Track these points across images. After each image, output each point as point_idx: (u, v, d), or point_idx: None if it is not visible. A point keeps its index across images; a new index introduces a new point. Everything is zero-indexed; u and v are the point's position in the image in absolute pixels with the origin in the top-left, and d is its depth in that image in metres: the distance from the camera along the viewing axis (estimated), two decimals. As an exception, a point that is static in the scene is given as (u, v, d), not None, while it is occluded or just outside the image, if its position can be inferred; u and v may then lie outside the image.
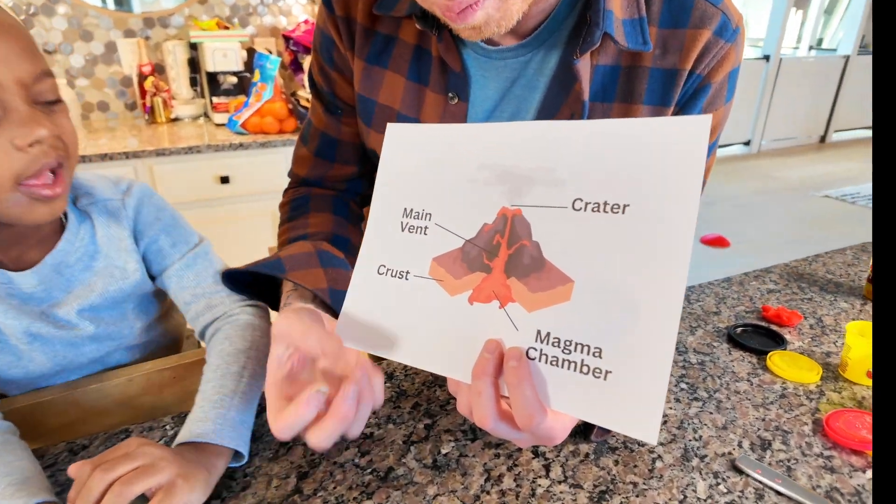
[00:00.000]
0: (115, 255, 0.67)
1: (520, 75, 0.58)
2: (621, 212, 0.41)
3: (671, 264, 0.38)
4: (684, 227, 0.38)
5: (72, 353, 0.66)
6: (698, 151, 0.39)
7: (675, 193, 0.39)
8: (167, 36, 2.21)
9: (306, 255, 0.58)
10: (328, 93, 0.68)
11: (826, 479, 0.54)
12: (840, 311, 0.85)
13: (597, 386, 0.39)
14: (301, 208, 0.70)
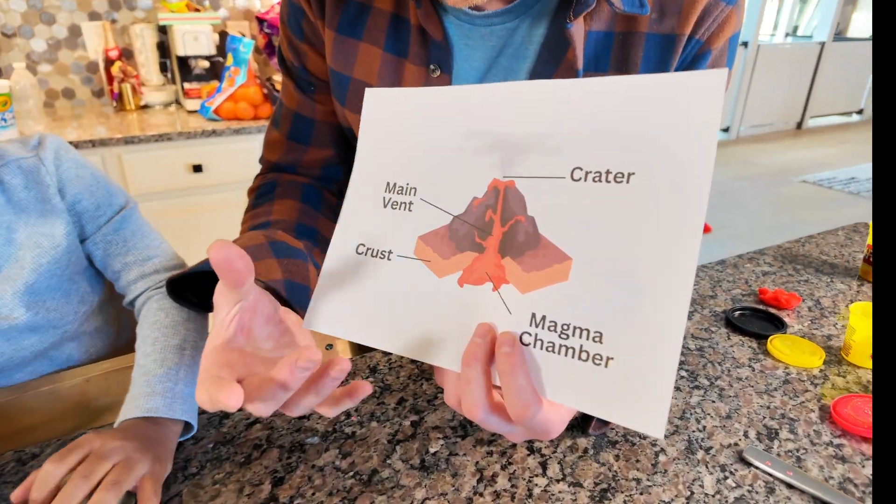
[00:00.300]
0: (38, 220, 0.60)
1: (507, 43, 0.54)
2: (625, 181, 0.36)
3: (681, 239, 0.34)
4: (697, 196, 0.34)
5: (9, 349, 0.60)
6: (713, 110, 0.35)
7: (686, 158, 0.35)
8: (134, 19, 2.11)
9: (256, 246, 0.51)
10: (299, 68, 0.62)
11: (838, 470, 0.51)
12: (837, 292, 0.83)
13: (597, 374, 0.35)
14: (266, 195, 0.64)
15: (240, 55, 1.91)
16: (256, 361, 0.39)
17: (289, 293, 0.49)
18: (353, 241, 0.47)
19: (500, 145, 0.41)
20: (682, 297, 0.33)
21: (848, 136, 5.92)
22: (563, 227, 0.38)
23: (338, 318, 0.44)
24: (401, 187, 0.45)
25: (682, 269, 0.34)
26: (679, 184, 0.35)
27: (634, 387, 0.33)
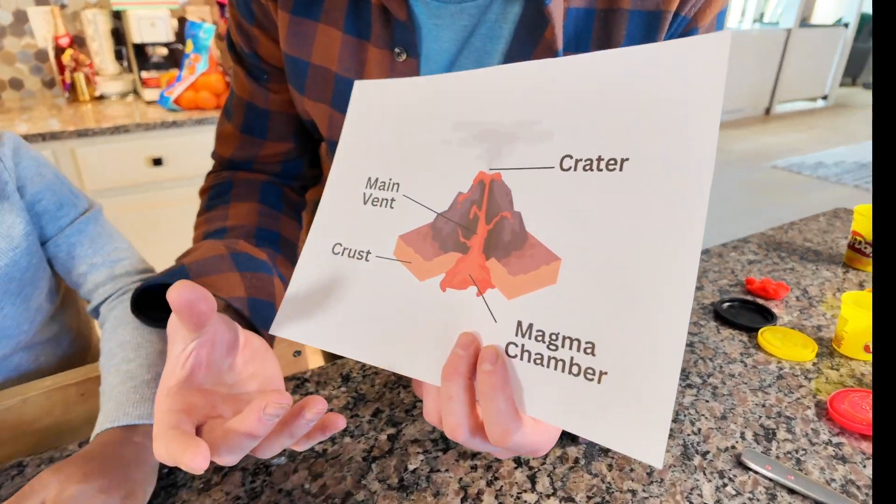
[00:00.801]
0: None
1: (479, 22, 0.49)
2: (618, 168, 0.32)
3: (681, 232, 0.30)
4: (698, 181, 0.30)
5: None
6: (716, 80, 0.30)
7: (685, 138, 0.31)
8: (86, 4, 1.99)
9: (217, 258, 0.47)
10: (249, 54, 0.56)
11: (839, 471, 0.48)
12: (823, 280, 0.81)
13: (589, 390, 0.31)
14: (221, 197, 0.59)
15: (200, 42, 1.81)
16: (218, 399, 0.35)
17: (252, 312, 0.44)
18: (329, 239, 0.42)
19: (486, 136, 0.37)
20: (684, 301, 0.29)
21: (814, 121, 6.04)
22: (552, 224, 0.34)
23: (308, 324, 0.40)
24: (383, 183, 0.40)
25: (683, 268, 0.30)
26: (678, 168, 0.31)
27: (630, 408, 0.29)
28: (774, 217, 3.48)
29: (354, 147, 0.43)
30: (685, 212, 0.30)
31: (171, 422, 0.31)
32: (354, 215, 0.42)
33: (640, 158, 0.32)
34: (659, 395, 0.29)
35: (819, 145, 5.13)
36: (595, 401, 0.30)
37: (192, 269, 0.44)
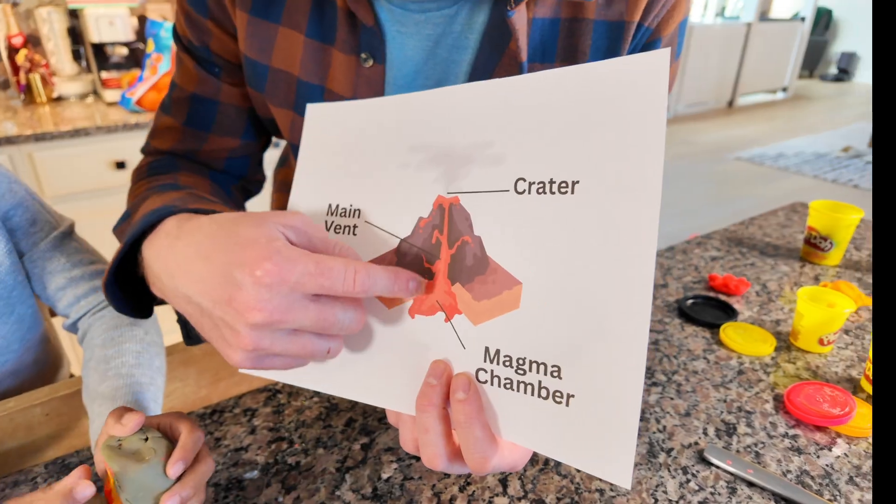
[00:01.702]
0: None
1: (445, 32, 0.49)
2: (570, 191, 0.33)
3: (635, 251, 0.30)
4: (648, 198, 0.30)
5: None
6: (658, 97, 0.31)
7: (632, 155, 0.31)
8: (39, 2, 1.92)
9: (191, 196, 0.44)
10: (201, 48, 0.54)
11: (794, 463, 0.51)
12: (782, 274, 0.84)
13: (558, 413, 0.31)
14: (167, 167, 0.55)
15: (161, 41, 1.77)
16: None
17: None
18: None
19: (442, 158, 0.37)
20: (642, 319, 0.30)
21: (775, 112, 6.21)
22: (511, 248, 0.34)
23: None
24: (344, 209, 0.40)
25: (638, 286, 0.30)
26: (627, 189, 0.31)
27: (598, 429, 0.30)
28: (738, 208, 3.57)
29: (313, 173, 0.43)
30: (636, 232, 0.31)
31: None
32: None
33: (590, 180, 0.32)
34: (623, 415, 0.30)
35: (780, 136, 5.28)
36: (565, 423, 0.31)
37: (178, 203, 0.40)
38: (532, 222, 0.34)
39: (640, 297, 0.30)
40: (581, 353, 0.31)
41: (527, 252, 0.34)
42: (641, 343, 0.30)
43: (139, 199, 0.48)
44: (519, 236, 0.34)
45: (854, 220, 0.83)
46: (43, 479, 0.48)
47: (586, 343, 0.31)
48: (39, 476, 0.49)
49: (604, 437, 0.30)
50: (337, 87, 0.51)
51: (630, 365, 0.30)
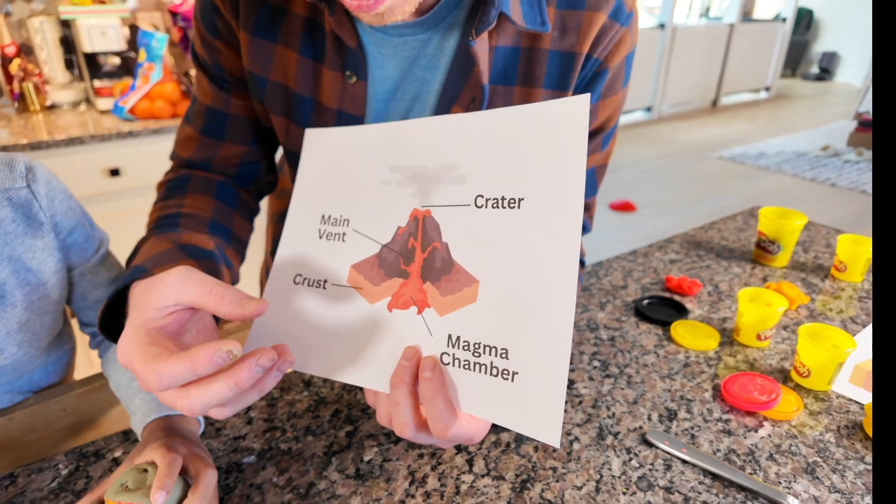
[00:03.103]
0: (25, 255, 0.57)
1: (419, 54, 0.55)
2: (517, 206, 0.40)
3: (562, 257, 0.38)
4: (571, 214, 0.38)
5: None
6: (579, 134, 0.39)
7: (560, 180, 0.39)
8: (32, 11, 1.97)
9: (167, 252, 0.49)
10: (213, 65, 0.61)
11: (724, 443, 0.58)
12: (734, 276, 0.92)
13: (505, 388, 0.39)
14: (178, 189, 0.62)
15: (153, 51, 1.82)
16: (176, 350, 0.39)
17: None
18: (291, 271, 0.49)
19: (417, 177, 0.44)
20: (567, 312, 0.38)
21: (757, 112, 6.33)
22: (471, 252, 0.42)
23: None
24: (335, 219, 0.47)
25: (564, 285, 0.38)
26: (556, 205, 0.39)
27: (535, 400, 0.38)
28: (718, 206, 3.67)
29: (309, 188, 0.50)
30: (564, 239, 0.38)
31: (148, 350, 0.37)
32: (312, 249, 0.49)
33: (532, 198, 0.40)
34: (554, 389, 0.37)
35: (762, 135, 5.39)
36: (510, 396, 0.39)
37: (148, 265, 0.46)
38: (488, 231, 0.41)
39: (568, 291, 0.38)
40: (523, 338, 0.39)
41: (483, 255, 0.41)
42: (568, 330, 0.37)
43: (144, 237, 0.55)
44: (477, 242, 0.41)
45: (798, 226, 0.91)
46: (64, 467, 0.55)
47: (528, 330, 0.39)
48: (61, 464, 0.55)
49: (539, 407, 0.37)
50: (325, 100, 0.57)
51: (559, 348, 0.37)
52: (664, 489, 0.53)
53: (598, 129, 0.62)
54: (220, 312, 0.39)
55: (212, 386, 0.36)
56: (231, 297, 0.39)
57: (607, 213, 3.57)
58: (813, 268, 0.94)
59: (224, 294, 0.39)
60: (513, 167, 0.41)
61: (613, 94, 0.60)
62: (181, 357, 0.35)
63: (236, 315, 0.39)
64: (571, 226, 0.38)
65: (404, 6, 0.45)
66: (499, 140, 0.42)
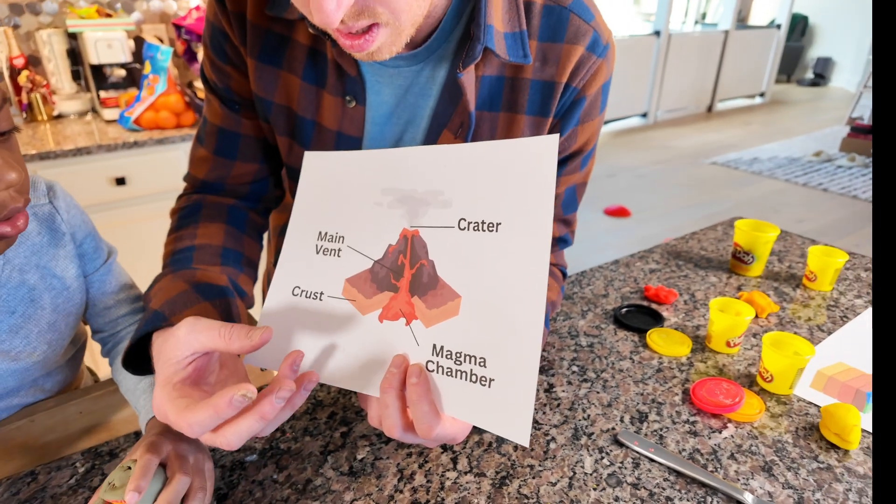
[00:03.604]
0: (50, 263, 0.64)
1: (413, 83, 0.60)
2: (495, 230, 0.45)
3: (533, 277, 0.43)
4: (542, 238, 0.43)
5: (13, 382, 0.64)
6: (548, 169, 0.44)
7: (532, 209, 0.44)
8: (40, 24, 2.02)
9: (183, 294, 0.53)
10: (223, 88, 0.65)
11: (690, 443, 0.63)
12: (710, 285, 0.97)
13: (483, 393, 0.44)
14: (191, 217, 0.66)
15: (158, 63, 1.87)
16: (203, 395, 0.45)
17: None
18: (290, 284, 0.54)
19: (406, 200, 0.49)
20: (537, 327, 0.43)
21: (752, 117, 6.38)
22: (454, 270, 0.47)
23: (277, 355, 0.51)
24: (331, 236, 0.52)
25: (534, 302, 0.43)
26: (528, 230, 0.44)
27: (508, 404, 0.43)
28: (711, 211, 3.72)
29: (307, 207, 0.55)
30: (535, 260, 0.43)
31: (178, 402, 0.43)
32: (309, 263, 0.53)
33: (508, 224, 0.45)
34: (524, 394, 0.42)
35: (756, 141, 5.45)
36: (487, 400, 0.44)
37: (166, 310, 0.51)
38: (470, 251, 0.46)
39: (538, 307, 0.43)
40: (499, 349, 0.44)
41: (465, 273, 0.46)
42: (537, 342, 0.42)
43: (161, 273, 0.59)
44: (460, 261, 0.46)
45: (771, 238, 0.96)
46: (81, 465, 0.59)
47: (503, 341, 0.44)
48: (78, 462, 0.60)
49: (512, 411, 0.42)
50: (326, 122, 0.62)
51: (530, 358, 0.42)
52: (631, 486, 0.57)
53: (578, 152, 0.67)
54: (231, 350, 0.44)
55: (242, 423, 0.42)
56: (238, 334, 0.44)
57: (602, 218, 3.62)
58: (786, 277, 0.99)
59: (231, 333, 0.44)
60: (492, 195, 0.46)
61: (591, 119, 0.65)
62: (205, 406, 0.41)
63: (246, 348, 0.44)
64: (541, 249, 0.43)
65: (391, 47, 0.50)
66: (480, 170, 0.47)
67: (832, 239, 3.33)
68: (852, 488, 0.57)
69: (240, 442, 0.43)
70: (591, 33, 0.59)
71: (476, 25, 0.54)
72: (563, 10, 0.58)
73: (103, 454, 0.61)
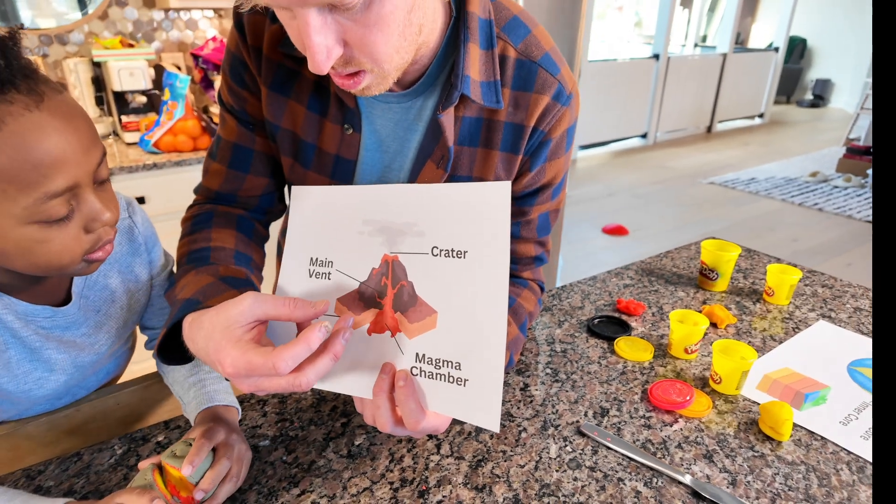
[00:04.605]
0: (127, 269, 0.74)
1: (403, 118, 0.70)
2: (463, 257, 0.55)
3: (496, 295, 0.53)
4: (501, 266, 0.54)
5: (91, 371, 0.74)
6: (503, 209, 0.54)
7: (491, 242, 0.54)
8: (66, 53, 2.17)
9: (213, 285, 0.60)
10: (240, 110, 0.73)
11: (643, 434, 0.73)
12: (677, 299, 1.06)
13: (459, 391, 0.54)
14: (204, 223, 0.72)
15: (177, 90, 2.01)
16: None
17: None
18: None
19: (386, 230, 0.59)
20: (500, 335, 0.53)
21: (751, 138, 6.50)
22: (430, 290, 0.57)
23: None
24: (321, 261, 0.62)
25: (498, 316, 0.53)
26: (490, 259, 0.54)
27: (480, 399, 0.53)
28: (706, 230, 3.81)
29: (299, 236, 0.64)
30: (496, 282, 0.53)
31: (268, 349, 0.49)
32: (304, 286, 0.63)
33: (474, 252, 0.55)
34: (492, 390, 0.52)
35: (754, 161, 5.55)
36: (462, 397, 0.53)
37: (200, 297, 0.57)
38: (442, 274, 0.56)
39: (500, 320, 0.53)
40: (470, 354, 0.54)
41: (440, 292, 0.56)
42: (501, 348, 0.52)
43: (181, 269, 0.67)
44: (434, 283, 0.56)
45: (733, 256, 1.06)
46: (119, 448, 0.70)
47: (473, 347, 0.54)
48: (116, 445, 0.70)
49: (483, 404, 0.52)
50: (326, 147, 0.71)
51: (496, 361, 0.52)
52: (589, 469, 0.67)
53: (548, 184, 0.77)
54: (295, 317, 0.52)
55: (319, 362, 0.50)
56: (301, 303, 0.53)
57: (600, 236, 3.72)
58: (748, 292, 1.09)
59: (295, 303, 0.53)
60: (458, 228, 0.56)
61: (557, 157, 0.75)
62: (297, 340, 0.48)
63: (310, 314, 0.52)
64: (501, 273, 0.53)
65: (379, 87, 0.59)
66: (448, 207, 0.57)
67: (826, 257, 3.41)
68: (780, 473, 0.67)
69: (316, 379, 0.49)
70: (557, 85, 0.69)
71: (455, 75, 0.64)
72: (533, 65, 0.69)
73: (137, 439, 0.71)
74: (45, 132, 0.50)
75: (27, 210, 0.51)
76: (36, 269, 0.57)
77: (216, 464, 0.59)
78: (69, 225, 0.55)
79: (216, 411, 0.67)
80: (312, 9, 0.48)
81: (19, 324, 0.64)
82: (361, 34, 0.52)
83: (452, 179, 0.71)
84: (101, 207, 0.57)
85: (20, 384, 0.66)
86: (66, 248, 0.56)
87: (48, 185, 0.51)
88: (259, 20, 0.68)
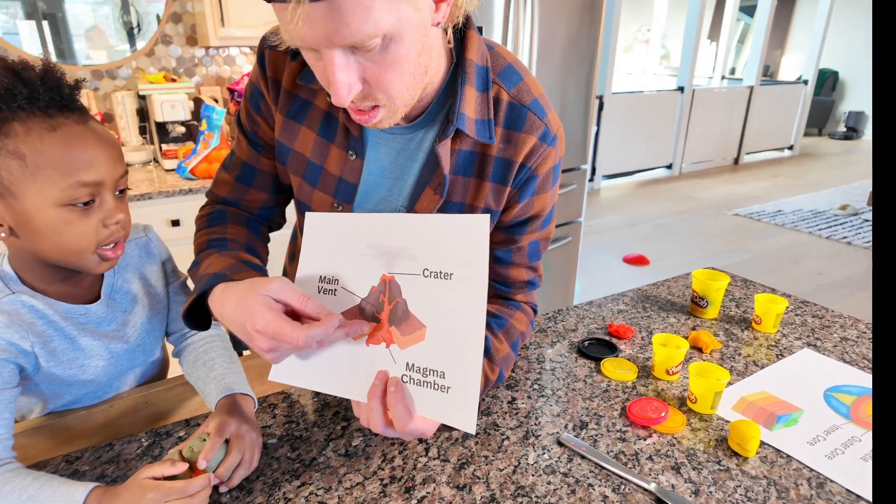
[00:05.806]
0: (146, 277, 0.88)
1: (404, 147, 0.79)
2: (449, 279, 0.64)
3: (476, 314, 0.61)
4: (480, 288, 0.62)
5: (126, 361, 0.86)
6: (483, 239, 0.62)
7: (471, 266, 0.62)
8: (115, 87, 2.36)
9: (238, 265, 0.72)
10: (252, 133, 0.85)
11: (618, 447, 0.78)
12: (668, 324, 1.12)
13: (443, 397, 0.61)
14: (219, 219, 0.84)
15: (213, 122, 2.16)
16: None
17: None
18: None
19: (384, 253, 0.68)
20: (479, 349, 0.61)
21: (779, 170, 6.44)
22: (421, 307, 0.65)
23: (290, 372, 0.70)
24: (328, 278, 0.71)
25: (477, 332, 0.61)
26: (471, 281, 0.62)
27: (460, 405, 0.60)
28: (729, 262, 3.80)
29: (311, 256, 0.73)
30: (476, 301, 0.61)
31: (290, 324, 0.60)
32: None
33: (458, 274, 0.63)
34: (471, 397, 0.60)
35: (782, 193, 5.50)
36: (445, 403, 0.61)
37: (227, 272, 0.69)
38: (432, 293, 0.64)
39: (479, 335, 0.60)
40: (453, 365, 0.61)
41: (429, 309, 0.64)
42: (478, 360, 0.60)
43: (203, 253, 0.79)
44: (424, 300, 0.65)
45: (722, 285, 1.11)
46: (145, 440, 0.79)
47: (455, 358, 0.61)
48: (143, 438, 0.79)
49: (462, 409, 0.60)
50: (331, 169, 0.81)
51: (474, 371, 0.60)
52: (563, 474, 0.73)
53: (536, 215, 0.85)
54: (306, 310, 0.63)
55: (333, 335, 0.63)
56: (313, 302, 0.64)
57: (621, 265, 3.74)
58: (739, 320, 1.14)
59: (308, 299, 0.63)
60: (446, 252, 0.65)
61: (544, 192, 0.83)
62: (320, 323, 0.61)
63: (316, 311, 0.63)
64: (481, 295, 0.61)
65: (390, 120, 0.69)
66: (437, 235, 0.66)
67: (850, 291, 3.36)
68: (742, 485, 0.72)
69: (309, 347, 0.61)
70: (544, 127, 0.77)
71: (452, 112, 0.73)
72: (523, 108, 0.77)
73: (161, 434, 0.80)
74: (87, 140, 0.68)
75: (63, 192, 0.67)
76: (59, 250, 0.70)
77: (229, 454, 0.68)
78: (90, 217, 0.70)
79: (235, 399, 0.77)
80: (337, 50, 0.58)
81: (60, 319, 0.77)
82: (379, 73, 0.61)
83: (447, 205, 0.79)
84: (116, 208, 0.72)
85: (66, 369, 0.79)
86: (85, 235, 0.70)
87: (81, 176, 0.67)
88: (280, 56, 0.79)
